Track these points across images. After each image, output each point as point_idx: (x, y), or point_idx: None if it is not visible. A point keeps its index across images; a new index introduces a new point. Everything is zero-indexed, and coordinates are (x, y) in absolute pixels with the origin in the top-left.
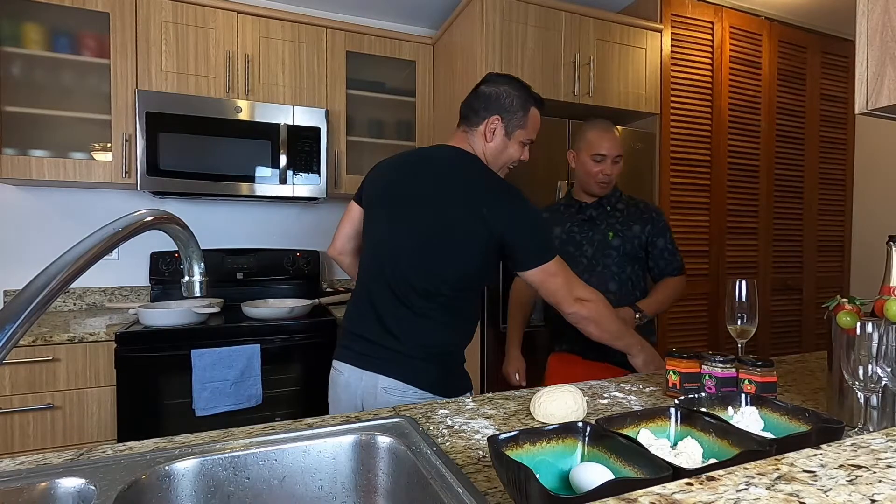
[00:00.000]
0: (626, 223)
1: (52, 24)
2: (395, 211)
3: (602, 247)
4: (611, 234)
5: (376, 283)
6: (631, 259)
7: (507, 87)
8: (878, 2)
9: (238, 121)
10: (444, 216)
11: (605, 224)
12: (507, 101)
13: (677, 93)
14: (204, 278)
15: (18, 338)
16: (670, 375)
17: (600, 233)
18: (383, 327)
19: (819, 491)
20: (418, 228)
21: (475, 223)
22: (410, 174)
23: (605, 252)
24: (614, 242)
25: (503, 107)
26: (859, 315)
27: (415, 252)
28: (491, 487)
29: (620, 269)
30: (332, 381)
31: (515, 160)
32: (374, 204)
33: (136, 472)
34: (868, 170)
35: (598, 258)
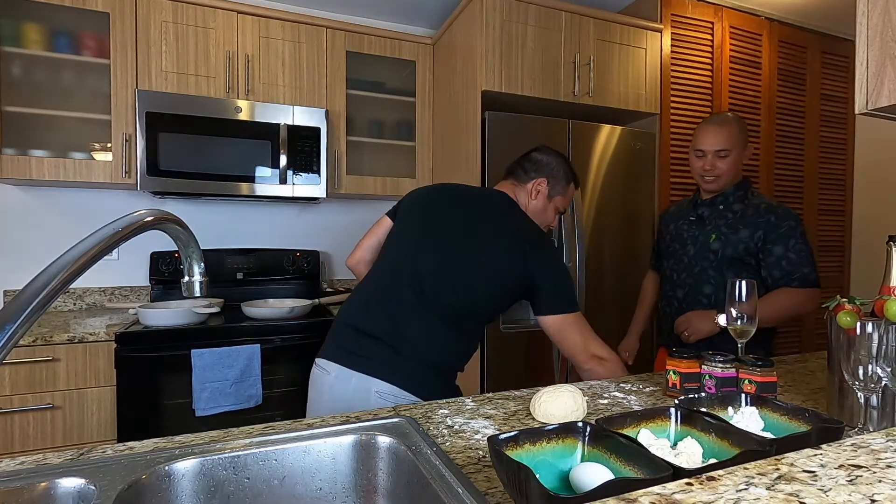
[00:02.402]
0: (735, 226)
1: (52, 24)
2: (438, 226)
3: (703, 248)
4: (713, 235)
5: (396, 285)
6: (733, 264)
7: (558, 159)
8: (878, 2)
9: (238, 121)
10: (490, 244)
11: (713, 225)
12: (556, 170)
13: (677, 93)
14: (204, 278)
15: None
16: (670, 375)
17: (705, 234)
18: (395, 328)
19: (819, 491)
20: (463, 250)
21: (516, 257)
22: (459, 200)
23: (705, 255)
24: (714, 245)
25: (552, 173)
26: (859, 315)
27: (452, 269)
28: (491, 487)
29: (719, 273)
30: (316, 381)
31: (549, 223)
32: (413, 216)
33: (136, 472)
34: (868, 170)
35: (697, 259)
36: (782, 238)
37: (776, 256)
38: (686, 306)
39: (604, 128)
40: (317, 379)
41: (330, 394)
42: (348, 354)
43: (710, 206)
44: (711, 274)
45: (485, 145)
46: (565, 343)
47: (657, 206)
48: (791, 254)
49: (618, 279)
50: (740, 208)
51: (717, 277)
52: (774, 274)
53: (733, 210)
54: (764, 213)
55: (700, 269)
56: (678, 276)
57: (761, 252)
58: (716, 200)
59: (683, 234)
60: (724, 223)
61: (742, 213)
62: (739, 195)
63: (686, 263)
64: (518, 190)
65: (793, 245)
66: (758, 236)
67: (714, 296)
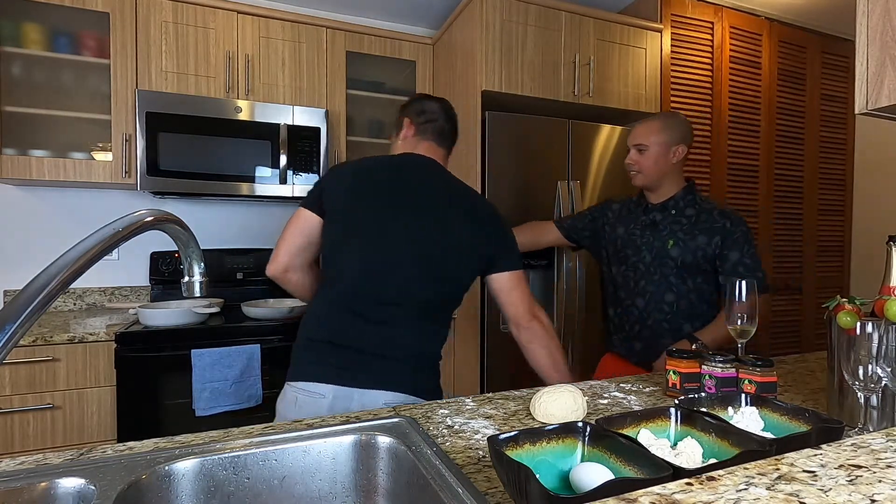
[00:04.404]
0: (692, 232)
1: (52, 24)
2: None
3: (661, 255)
4: (671, 241)
5: (370, 291)
6: (693, 271)
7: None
8: (878, 2)
9: (238, 121)
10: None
11: (668, 230)
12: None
13: (677, 93)
14: (204, 278)
15: (18, 338)
16: (670, 375)
17: (661, 239)
18: (381, 335)
19: (819, 491)
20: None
21: (482, 234)
22: (404, 181)
23: (663, 261)
24: (673, 252)
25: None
26: (859, 315)
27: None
28: (491, 487)
29: (680, 280)
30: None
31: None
32: (359, 207)
33: (136, 472)
34: (868, 170)
35: (655, 266)
36: (738, 244)
37: (732, 262)
38: (647, 315)
39: (604, 128)
40: (307, 404)
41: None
42: (341, 371)
43: (661, 211)
44: (673, 281)
45: (485, 145)
46: (513, 298)
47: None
48: (746, 259)
49: None
50: (693, 213)
51: (678, 285)
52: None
53: (686, 215)
54: (718, 218)
55: (660, 276)
56: (636, 283)
57: (718, 258)
58: (667, 205)
59: (637, 240)
60: (680, 229)
61: (696, 219)
62: (689, 199)
63: (643, 271)
64: (442, 154)
65: (747, 251)
66: (715, 242)
67: (676, 303)
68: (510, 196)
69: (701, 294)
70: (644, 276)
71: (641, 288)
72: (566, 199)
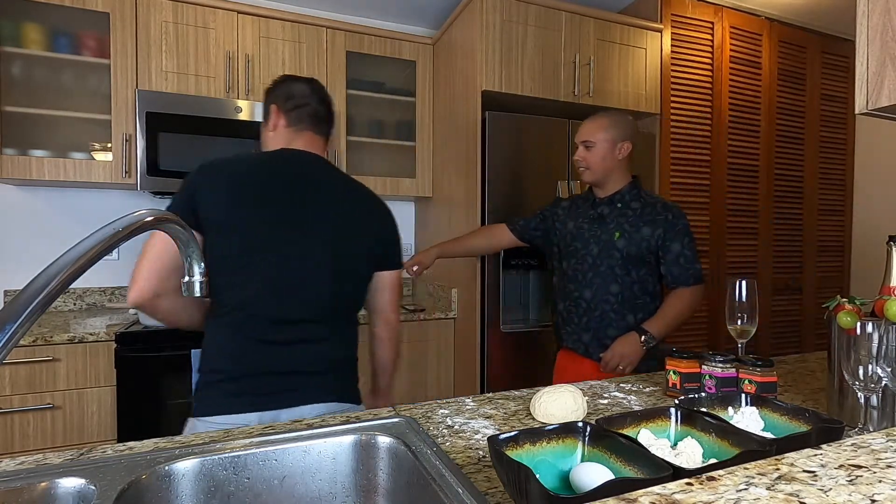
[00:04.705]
0: (637, 224)
1: (52, 24)
2: (297, 225)
3: (607, 247)
4: (617, 234)
5: (277, 314)
6: (637, 262)
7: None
8: (878, 2)
9: (238, 121)
10: (352, 236)
11: (615, 223)
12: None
13: (677, 93)
14: (204, 278)
15: (19, 338)
16: (670, 375)
17: (608, 232)
18: (300, 355)
19: (819, 491)
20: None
21: (380, 231)
22: (290, 188)
23: (610, 253)
24: (619, 244)
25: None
26: (859, 315)
27: (339, 272)
28: (491, 487)
29: (625, 271)
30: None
31: None
32: (250, 217)
33: (136, 472)
34: (868, 170)
35: (602, 258)
36: (679, 236)
37: (674, 254)
38: (594, 306)
39: None
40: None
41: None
42: (265, 398)
43: (609, 205)
44: (618, 272)
45: (485, 145)
46: (391, 295)
47: None
48: (686, 251)
49: None
50: (638, 206)
51: (623, 276)
52: (674, 271)
53: (632, 208)
54: (661, 210)
55: (606, 268)
56: (583, 275)
57: (661, 249)
58: (614, 199)
59: (585, 234)
60: (626, 221)
61: (641, 212)
62: (634, 193)
63: (591, 263)
64: (321, 144)
65: (687, 243)
66: (658, 234)
67: (621, 294)
68: (510, 196)
69: (643, 285)
70: (592, 268)
71: (589, 280)
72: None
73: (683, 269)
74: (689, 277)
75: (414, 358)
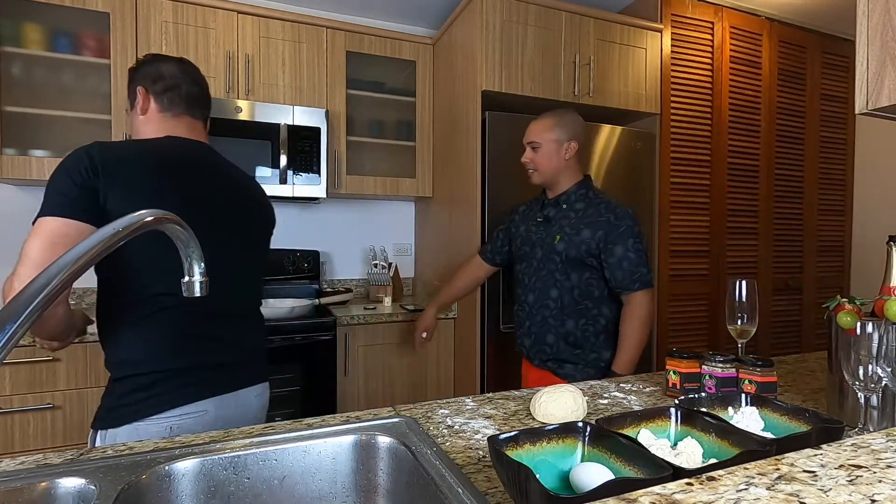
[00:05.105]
0: (577, 226)
1: (52, 24)
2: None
3: (549, 250)
4: (558, 237)
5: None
6: (577, 266)
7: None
8: (878, 2)
9: (238, 121)
10: (255, 227)
11: (557, 226)
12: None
13: (677, 93)
14: (204, 278)
15: (19, 338)
16: (670, 375)
17: (551, 234)
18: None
19: (819, 491)
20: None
21: (269, 226)
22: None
23: (551, 256)
24: (559, 247)
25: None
26: (859, 315)
27: (248, 267)
28: (491, 487)
29: (564, 276)
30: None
31: None
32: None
33: (136, 472)
34: (868, 170)
35: (545, 262)
36: (622, 238)
37: (617, 257)
38: (535, 311)
39: (604, 128)
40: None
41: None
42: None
43: (555, 206)
44: (557, 277)
45: (485, 145)
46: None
47: (657, 206)
48: (631, 253)
49: None
50: (582, 207)
51: (562, 280)
52: (617, 275)
53: (575, 209)
54: (604, 212)
55: (547, 272)
56: (529, 279)
57: (603, 252)
58: (559, 199)
59: (532, 236)
60: (568, 223)
61: (584, 213)
62: (581, 194)
63: (535, 266)
64: (202, 130)
65: (632, 245)
66: (598, 236)
67: (560, 299)
68: (510, 196)
69: (585, 290)
70: (536, 271)
71: (532, 284)
72: None
73: (627, 273)
74: (633, 282)
75: (414, 358)
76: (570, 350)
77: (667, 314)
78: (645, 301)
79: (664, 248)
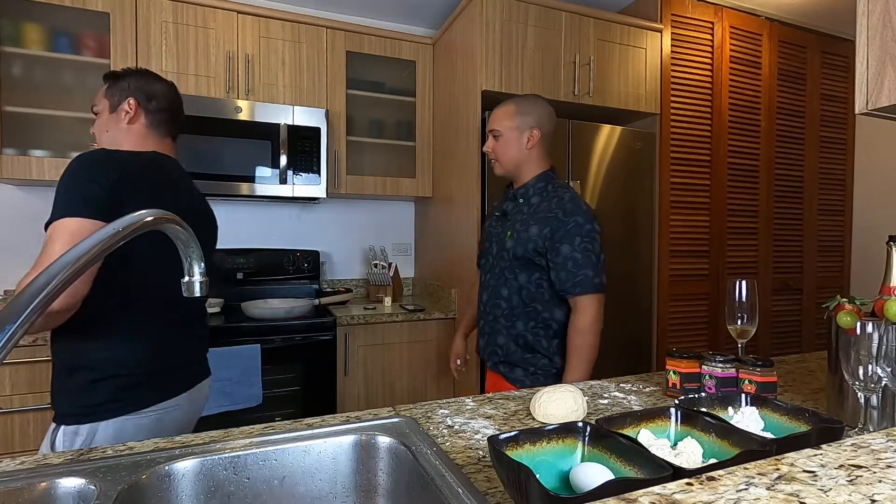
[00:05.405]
0: (527, 222)
1: (52, 24)
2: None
3: (502, 247)
4: (509, 233)
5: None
6: (525, 265)
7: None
8: (878, 2)
9: (238, 121)
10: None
11: (511, 221)
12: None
13: (677, 93)
14: (204, 278)
15: (19, 338)
16: (670, 375)
17: (504, 231)
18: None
19: (819, 491)
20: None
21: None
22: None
23: (501, 254)
24: (508, 244)
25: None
26: (859, 315)
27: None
28: (491, 487)
29: (513, 275)
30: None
31: None
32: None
33: (136, 472)
34: (868, 170)
35: (497, 259)
36: (569, 236)
37: (562, 256)
38: (488, 310)
39: (604, 128)
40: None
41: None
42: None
43: (513, 201)
44: (507, 276)
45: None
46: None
47: (657, 206)
48: (577, 253)
49: (617, 280)
50: (537, 202)
51: (511, 280)
52: (561, 276)
53: (531, 204)
54: (555, 207)
55: (499, 270)
56: (484, 276)
57: (549, 252)
58: (517, 193)
59: (491, 232)
60: (520, 219)
61: (536, 209)
62: (540, 187)
63: (491, 264)
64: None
65: (579, 244)
66: (545, 234)
67: (510, 299)
68: None
69: (534, 292)
70: (490, 269)
71: (486, 281)
72: None
73: (570, 275)
74: (574, 286)
75: (414, 358)
76: (521, 353)
77: (667, 314)
78: (588, 308)
79: (664, 248)
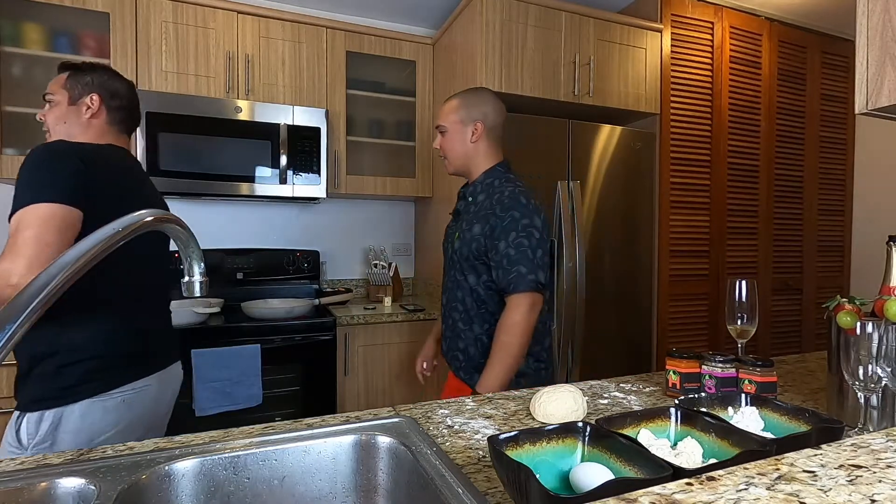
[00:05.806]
0: (471, 221)
1: (52, 24)
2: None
3: (452, 248)
4: (457, 234)
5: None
6: (473, 267)
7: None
8: (878, 2)
9: (238, 121)
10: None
11: (460, 221)
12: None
13: (677, 93)
14: (204, 278)
15: (19, 338)
16: (670, 375)
17: (454, 231)
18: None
19: (819, 491)
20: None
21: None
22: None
23: (452, 255)
24: (456, 245)
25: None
26: (859, 315)
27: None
28: (491, 487)
29: (463, 277)
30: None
31: None
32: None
33: (136, 472)
34: (868, 170)
35: (451, 261)
36: (505, 232)
37: (500, 253)
38: (447, 313)
39: (604, 128)
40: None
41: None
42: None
43: (463, 199)
44: (458, 277)
45: None
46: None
47: (657, 206)
48: (511, 249)
49: (618, 279)
50: (482, 200)
51: (462, 281)
52: (499, 274)
53: (477, 202)
54: (495, 203)
55: (453, 273)
56: (443, 278)
57: (490, 250)
58: (466, 192)
59: (448, 233)
60: (467, 218)
61: (481, 206)
62: (487, 184)
63: (448, 265)
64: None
65: (514, 240)
66: (485, 232)
67: (464, 301)
68: None
69: (483, 294)
70: (447, 271)
71: (445, 284)
72: (566, 200)
73: (504, 273)
74: (508, 283)
75: (414, 358)
76: (480, 358)
77: (667, 314)
78: (517, 307)
79: (664, 248)
